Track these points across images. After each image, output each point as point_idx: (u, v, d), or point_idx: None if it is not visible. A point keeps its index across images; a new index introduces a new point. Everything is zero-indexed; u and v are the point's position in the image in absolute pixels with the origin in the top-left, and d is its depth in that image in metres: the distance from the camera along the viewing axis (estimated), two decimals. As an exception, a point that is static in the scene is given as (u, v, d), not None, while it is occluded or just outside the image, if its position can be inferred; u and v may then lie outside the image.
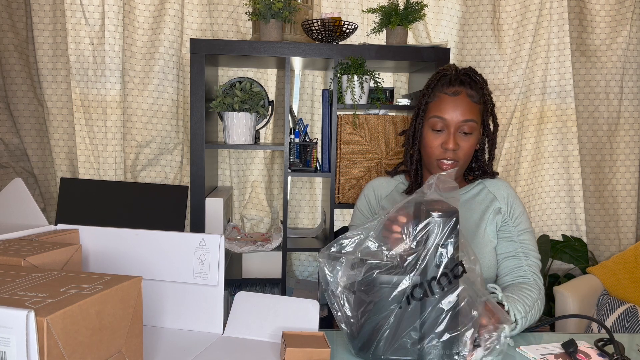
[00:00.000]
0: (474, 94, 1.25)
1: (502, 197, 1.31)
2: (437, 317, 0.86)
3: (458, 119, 1.23)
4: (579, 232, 2.64)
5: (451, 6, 2.59)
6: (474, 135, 1.25)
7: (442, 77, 1.28)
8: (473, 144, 1.26)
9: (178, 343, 0.96)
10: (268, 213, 2.57)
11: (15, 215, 1.11)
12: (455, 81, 1.25)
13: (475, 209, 1.31)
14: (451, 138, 1.23)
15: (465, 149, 1.25)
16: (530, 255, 1.26)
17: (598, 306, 2.15)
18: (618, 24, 2.59)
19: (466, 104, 1.23)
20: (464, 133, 1.24)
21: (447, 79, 1.26)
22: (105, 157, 2.40)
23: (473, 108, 1.24)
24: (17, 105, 2.41)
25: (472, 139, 1.25)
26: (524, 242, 1.27)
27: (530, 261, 1.25)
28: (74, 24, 2.33)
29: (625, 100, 2.64)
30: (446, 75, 1.27)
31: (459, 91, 1.24)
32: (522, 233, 1.28)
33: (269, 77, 2.51)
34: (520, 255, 1.26)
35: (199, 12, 2.44)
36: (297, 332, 0.95)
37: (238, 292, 1.04)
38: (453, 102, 1.23)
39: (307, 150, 2.13)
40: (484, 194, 1.33)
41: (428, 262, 0.85)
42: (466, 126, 1.23)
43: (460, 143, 1.24)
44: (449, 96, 1.24)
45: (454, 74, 1.27)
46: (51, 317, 0.59)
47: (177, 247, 1.02)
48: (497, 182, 1.35)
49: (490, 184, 1.34)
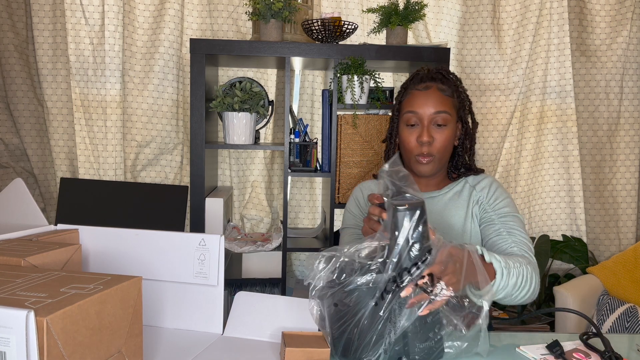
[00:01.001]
0: (445, 87, 1.27)
1: (480, 187, 1.30)
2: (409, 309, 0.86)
3: (430, 111, 1.24)
4: (579, 232, 2.64)
5: (451, 6, 2.59)
6: (449, 127, 1.26)
7: (414, 76, 1.31)
8: (448, 136, 1.26)
9: (178, 343, 0.96)
10: (268, 213, 2.57)
11: (15, 215, 1.11)
12: (426, 77, 1.28)
13: (460, 206, 1.30)
14: (425, 130, 1.24)
15: (440, 142, 1.25)
16: (514, 234, 1.20)
17: (598, 306, 2.15)
18: (618, 24, 2.59)
19: (437, 96, 1.25)
20: (438, 125, 1.25)
21: (419, 77, 1.29)
22: (105, 157, 2.40)
23: (445, 100, 1.26)
24: (17, 105, 2.41)
25: (447, 131, 1.25)
26: (506, 223, 1.22)
27: (516, 238, 1.19)
28: (74, 24, 2.33)
29: (625, 100, 2.64)
30: (418, 74, 1.30)
31: (429, 85, 1.27)
32: (505, 216, 1.24)
33: (269, 77, 2.51)
34: (503, 234, 1.20)
35: (199, 12, 2.44)
36: (296, 332, 0.95)
37: (238, 292, 1.04)
38: (424, 95, 1.26)
39: (307, 150, 2.13)
40: (466, 190, 1.32)
41: (400, 256, 0.86)
42: (439, 118, 1.24)
43: (434, 135, 1.24)
44: (420, 91, 1.27)
45: (426, 72, 1.30)
46: (51, 317, 0.59)
47: (177, 247, 1.02)
48: (481, 178, 1.34)
49: (473, 179, 1.34)
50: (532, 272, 1.09)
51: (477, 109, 2.62)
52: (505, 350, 1.01)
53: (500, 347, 1.02)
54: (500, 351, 1.01)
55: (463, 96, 1.31)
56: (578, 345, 1.00)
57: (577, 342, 1.02)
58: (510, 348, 1.01)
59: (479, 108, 2.62)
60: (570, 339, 1.03)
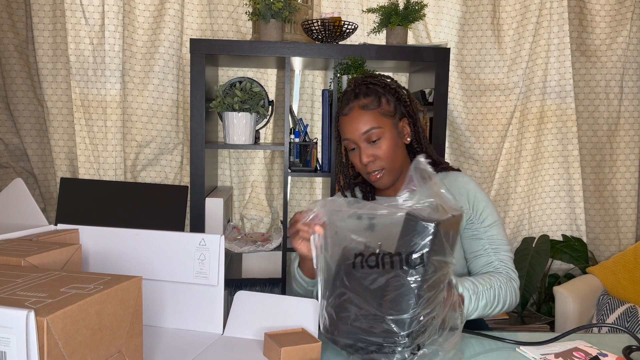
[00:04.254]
0: (367, 102, 1.27)
1: (459, 194, 1.28)
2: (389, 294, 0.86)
3: (358, 134, 1.26)
4: (579, 232, 2.64)
5: (451, 6, 2.59)
6: (385, 137, 1.26)
7: (342, 97, 1.32)
8: (389, 145, 1.27)
9: (178, 343, 0.96)
10: (268, 213, 2.57)
11: (15, 215, 1.11)
12: (349, 97, 1.29)
13: None
14: (362, 153, 1.27)
15: (382, 154, 1.26)
16: (500, 250, 1.23)
17: (598, 306, 2.15)
18: (618, 24, 2.59)
19: (360, 116, 1.26)
20: (372, 141, 1.26)
21: (345, 99, 1.31)
22: (105, 157, 2.40)
23: (369, 116, 1.26)
24: (17, 105, 2.41)
25: (384, 142, 1.26)
26: (492, 238, 1.24)
27: (501, 256, 1.23)
28: (74, 24, 2.33)
29: (625, 100, 2.64)
30: (345, 94, 1.32)
31: (351, 107, 1.28)
32: (490, 228, 1.25)
33: (269, 77, 2.52)
34: (489, 252, 1.23)
35: (199, 12, 2.44)
36: (279, 331, 0.95)
37: (238, 292, 1.04)
38: (348, 121, 1.28)
39: (307, 150, 2.13)
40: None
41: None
42: (370, 135, 1.25)
43: (373, 153, 1.26)
44: (344, 116, 1.29)
45: (350, 90, 1.31)
46: (51, 317, 0.59)
47: (177, 247, 1.02)
48: (456, 178, 1.32)
49: (448, 181, 1.31)
50: (507, 290, 1.17)
51: (477, 109, 2.62)
52: (505, 350, 1.01)
53: (500, 347, 1.02)
54: (500, 351, 1.01)
55: (399, 94, 1.30)
56: (578, 345, 1.00)
57: (578, 342, 1.02)
58: (510, 348, 1.01)
59: (479, 108, 2.62)
60: (571, 339, 1.03)
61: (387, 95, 1.29)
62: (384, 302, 0.86)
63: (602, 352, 0.97)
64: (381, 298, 0.87)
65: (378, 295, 0.87)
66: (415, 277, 0.85)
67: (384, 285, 0.87)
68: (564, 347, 0.99)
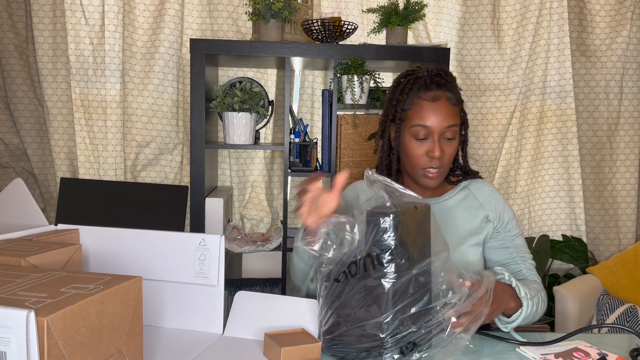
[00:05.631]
0: (451, 96, 1.19)
1: (488, 203, 1.27)
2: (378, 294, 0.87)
3: (442, 126, 1.17)
4: (579, 232, 2.64)
5: (451, 6, 2.59)
6: (456, 139, 1.22)
7: (415, 79, 1.21)
8: (456, 147, 1.23)
9: (178, 343, 0.96)
10: (268, 213, 2.57)
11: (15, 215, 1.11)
12: (432, 84, 1.19)
13: (462, 218, 1.26)
14: (436, 146, 1.17)
15: (449, 154, 1.21)
16: (526, 259, 1.26)
17: (598, 306, 2.15)
18: (618, 24, 2.59)
19: (447, 108, 1.18)
20: (447, 139, 1.19)
21: (422, 82, 1.19)
22: (105, 157, 2.40)
23: (453, 111, 1.19)
24: (17, 105, 2.41)
25: (455, 143, 1.22)
26: (518, 247, 1.26)
27: (527, 264, 1.25)
28: (74, 24, 2.33)
29: (625, 100, 2.64)
30: (419, 77, 1.20)
31: (438, 96, 1.18)
32: (515, 238, 1.27)
33: (269, 77, 2.52)
34: (517, 260, 1.25)
35: (199, 12, 2.44)
36: (278, 331, 0.95)
37: (238, 292, 1.04)
38: (434, 108, 1.17)
39: (307, 150, 2.13)
40: (469, 201, 1.27)
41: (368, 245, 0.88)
42: (449, 132, 1.18)
43: (444, 149, 1.19)
44: (429, 102, 1.18)
45: (428, 76, 1.20)
46: (51, 317, 0.59)
47: (177, 247, 1.02)
48: (482, 186, 1.30)
49: (475, 188, 1.29)
50: (544, 298, 1.16)
51: (477, 109, 2.62)
52: (505, 350, 1.01)
53: (500, 347, 1.02)
54: (500, 351, 1.01)
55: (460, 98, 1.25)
56: (578, 345, 1.00)
57: (578, 342, 1.02)
58: (510, 348, 1.01)
59: (479, 108, 2.62)
60: (571, 339, 1.03)
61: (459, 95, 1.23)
62: (365, 307, 0.88)
63: (602, 352, 0.97)
64: (364, 304, 0.88)
65: (362, 302, 0.89)
66: (387, 276, 0.86)
67: (363, 290, 0.89)
68: (564, 347, 0.99)
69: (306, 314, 0.99)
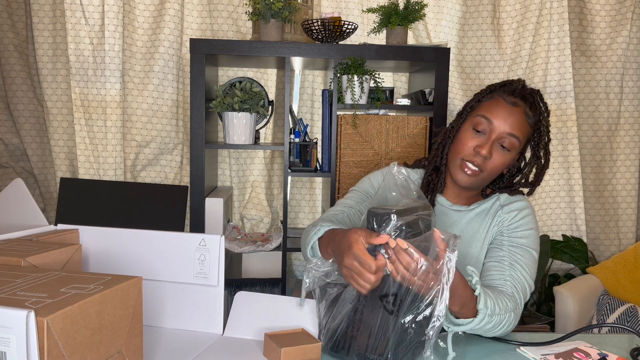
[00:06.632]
0: (531, 114, 1.15)
1: (509, 209, 1.19)
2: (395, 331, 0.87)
3: (504, 129, 1.12)
4: (579, 232, 2.64)
5: (451, 6, 2.59)
6: (511, 154, 1.14)
7: (507, 84, 1.18)
8: (506, 161, 1.15)
9: (178, 343, 0.96)
10: (268, 213, 2.57)
11: (15, 215, 1.11)
12: (518, 93, 1.15)
13: (483, 225, 1.20)
14: (488, 145, 1.12)
15: (495, 163, 1.14)
16: (516, 268, 1.09)
17: (598, 306, 2.15)
18: (618, 24, 2.59)
19: (519, 119, 1.13)
20: (502, 146, 1.13)
21: (512, 88, 1.17)
22: (105, 157, 2.40)
23: (523, 127, 1.14)
24: (17, 105, 2.41)
25: (507, 156, 1.14)
26: (514, 254, 1.12)
27: (515, 273, 1.08)
28: (74, 24, 2.33)
29: (625, 100, 2.64)
30: (512, 85, 1.18)
31: (518, 103, 1.14)
32: (518, 247, 1.13)
33: (269, 77, 2.51)
34: (504, 263, 1.10)
35: (199, 12, 2.44)
36: (278, 331, 0.95)
37: (238, 292, 1.04)
38: (507, 109, 1.13)
39: (307, 150, 2.13)
40: (494, 209, 1.21)
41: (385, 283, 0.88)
42: (507, 140, 1.12)
43: (493, 154, 1.13)
44: (506, 103, 1.14)
45: (520, 88, 1.17)
46: (51, 317, 0.59)
47: (177, 247, 1.02)
48: (515, 197, 1.22)
49: (506, 198, 1.22)
50: (510, 320, 1.01)
51: (477, 109, 2.62)
52: (505, 350, 1.01)
53: (500, 347, 1.02)
54: (500, 351, 1.00)
55: (543, 130, 1.18)
56: (578, 345, 1.00)
57: (578, 342, 1.02)
58: (510, 348, 1.01)
59: (479, 108, 2.62)
60: (571, 339, 1.03)
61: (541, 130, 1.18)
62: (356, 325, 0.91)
63: (603, 352, 0.97)
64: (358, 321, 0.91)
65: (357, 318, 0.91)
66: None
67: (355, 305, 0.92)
68: (564, 348, 0.99)
69: (306, 314, 0.99)
